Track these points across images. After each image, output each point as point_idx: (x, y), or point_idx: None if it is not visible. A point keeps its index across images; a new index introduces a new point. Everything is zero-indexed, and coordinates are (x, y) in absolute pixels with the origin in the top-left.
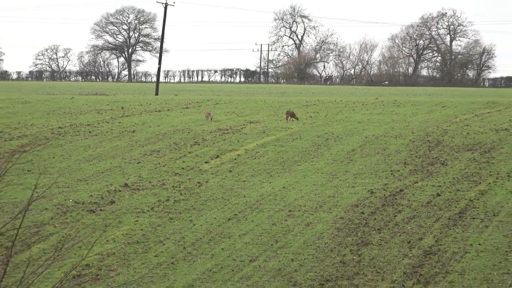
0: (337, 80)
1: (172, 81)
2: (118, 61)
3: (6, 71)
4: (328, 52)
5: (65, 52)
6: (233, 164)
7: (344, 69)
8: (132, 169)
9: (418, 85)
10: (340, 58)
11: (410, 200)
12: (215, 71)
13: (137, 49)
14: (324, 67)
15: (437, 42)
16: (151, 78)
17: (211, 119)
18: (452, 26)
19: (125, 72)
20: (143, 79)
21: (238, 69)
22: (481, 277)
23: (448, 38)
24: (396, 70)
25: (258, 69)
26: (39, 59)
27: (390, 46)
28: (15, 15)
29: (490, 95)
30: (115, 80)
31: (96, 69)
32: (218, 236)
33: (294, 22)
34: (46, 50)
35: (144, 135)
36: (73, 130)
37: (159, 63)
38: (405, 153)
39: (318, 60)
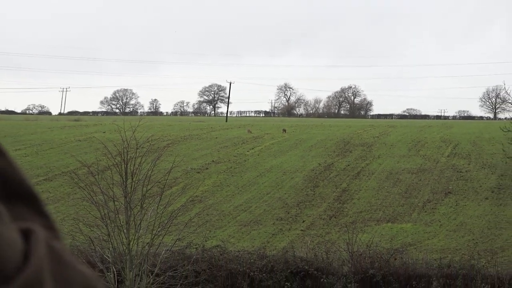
0: (304, 115)
1: (233, 116)
2: (209, 107)
3: (161, 112)
4: (301, 103)
5: (187, 103)
6: (259, 152)
7: (307, 110)
8: (216, 154)
9: (340, 117)
10: (306, 106)
11: (336, 167)
12: (252, 111)
13: (218, 102)
14: (298, 109)
15: (348, 99)
16: (224, 114)
17: (250, 132)
18: (354, 92)
19: (212, 112)
20: (220, 115)
21: (261, 110)
22: (367, 201)
23: (352, 97)
24: (330, 111)
25: (270, 111)
26: (175, 106)
27: (327, 101)
28: (164, 87)
29: (370, 123)
30: (207, 115)
31: (200, 111)
32: (253, 183)
33: (286, 90)
34: (177, 103)
35: (220, 139)
36: (190, 137)
37: (227, 108)
38: (334, 147)
39: (296, 107)
